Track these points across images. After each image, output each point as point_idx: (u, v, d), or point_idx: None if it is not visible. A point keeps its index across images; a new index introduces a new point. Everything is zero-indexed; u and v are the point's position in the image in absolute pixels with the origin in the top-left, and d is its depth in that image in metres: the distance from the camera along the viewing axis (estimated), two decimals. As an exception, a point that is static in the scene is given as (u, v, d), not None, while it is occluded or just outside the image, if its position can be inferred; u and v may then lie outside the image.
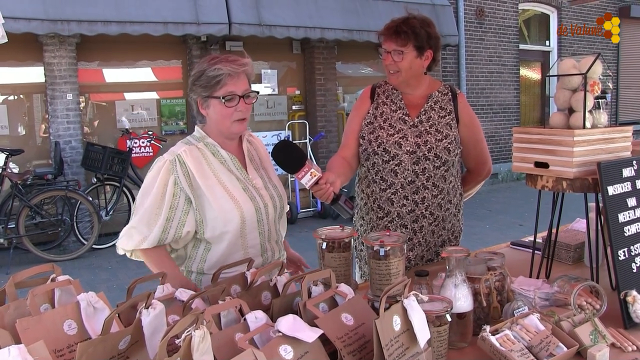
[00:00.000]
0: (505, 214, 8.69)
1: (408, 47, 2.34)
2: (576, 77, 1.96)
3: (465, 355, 1.60)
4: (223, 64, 1.96)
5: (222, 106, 1.98)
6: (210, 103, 2.00)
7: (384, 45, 2.39)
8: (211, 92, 1.98)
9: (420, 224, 2.43)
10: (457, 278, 1.64)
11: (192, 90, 2.03)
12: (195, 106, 2.06)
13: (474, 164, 2.63)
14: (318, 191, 2.02)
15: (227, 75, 1.96)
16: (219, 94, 1.97)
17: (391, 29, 2.36)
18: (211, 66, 1.96)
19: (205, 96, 2.00)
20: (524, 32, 12.57)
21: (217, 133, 2.08)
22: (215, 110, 2.01)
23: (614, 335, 1.64)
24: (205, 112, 2.04)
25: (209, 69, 1.96)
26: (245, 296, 1.58)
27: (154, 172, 2.01)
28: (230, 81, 1.97)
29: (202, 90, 1.99)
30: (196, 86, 2.00)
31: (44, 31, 6.83)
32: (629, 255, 1.84)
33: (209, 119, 2.06)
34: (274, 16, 8.07)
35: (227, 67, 1.95)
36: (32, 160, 7.58)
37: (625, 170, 1.92)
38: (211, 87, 1.97)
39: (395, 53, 2.35)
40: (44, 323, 1.27)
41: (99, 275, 6.20)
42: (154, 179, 1.99)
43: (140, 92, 8.28)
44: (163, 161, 2.00)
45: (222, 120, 2.02)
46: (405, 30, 2.33)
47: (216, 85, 1.96)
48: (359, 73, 10.32)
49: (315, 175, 1.98)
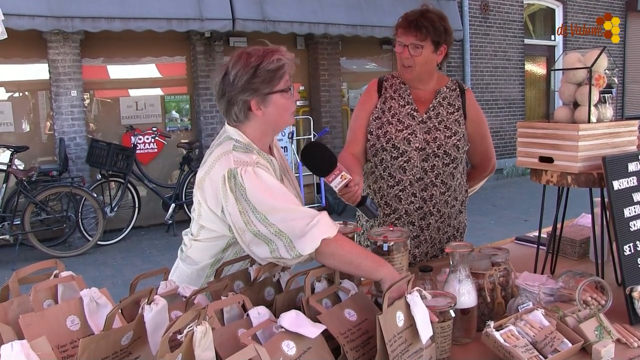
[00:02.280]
0: (510, 209, 8.66)
1: (427, 42, 2.30)
2: (581, 71, 1.95)
3: (469, 351, 1.59)
4: (280, 54, 1.78)
5: (285, 99, 1.81)
6: (271, 99, 1.78)
7: (400, 38, 2.33)
8: (274, 86, 1.77)
9: (428, 222, 2.42)
10: (461, 273, 1.64)
11: (246, 90, 1.75)
12: (243, 109, 1.79)
13: (479, 159, 2.62)
14: (346, 194, 1.95)
15: (287, 66, 1.80)
16: (282, 87, 1.79)
17: (412, 22, 2.29)
18: (265, 59, 1.76)
19: (266, 93, 1.77)
20: (529, 27, 12.50)
21: (262, 137, 1.86)
22: (278, 105, 1.80)
23: (619, 331, 1.63)
24: (262, 111, 1.79)
25: (265, 62, 1.75)
26: (248, 292, 1.57)
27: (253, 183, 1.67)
28: (288, 70, 1.81)
29: (265, 87, 1.76)
30: (254, 83, 1.75)
31: (48, 28, 6.84)
32: (634, 251, 1.83)
33: (261, 119, 1.81)
34: (277, 12, 8.05)
35: (285, 57, 1.79)
36: (37, 156, 7.60)
37: (630, 165, 1.90)
38: (274, 80, 1.77)
39: (412, 47, 2.30)
40: (47, 319, 1.26)
41: (104, 271, 6.22)
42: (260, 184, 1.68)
43: (145, 88, 8.28)
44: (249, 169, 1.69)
45: (283, 114, 1.83)
46: (425, 25, 2.27)
47: (280, 77, 1.78)
48: (363, 68, 10.29)
49: (345, 178, 1.90)
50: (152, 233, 7.67)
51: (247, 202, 1.65)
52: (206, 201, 1.77)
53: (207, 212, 1.79)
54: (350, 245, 1.64)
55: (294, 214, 1.64)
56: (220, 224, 1.78)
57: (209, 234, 1.85)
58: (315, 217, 1.62)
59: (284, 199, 1.68)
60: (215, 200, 1.73)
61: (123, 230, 7.36)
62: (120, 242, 7.25)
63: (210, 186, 1.74)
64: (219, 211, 1.74)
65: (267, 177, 1.70)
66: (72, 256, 6.69)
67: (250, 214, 1.65)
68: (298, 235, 1.61)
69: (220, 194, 1.70)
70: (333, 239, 1.61)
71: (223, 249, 1.86)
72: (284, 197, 1.68)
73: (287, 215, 1.64)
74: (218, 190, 1.70)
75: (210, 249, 1.87)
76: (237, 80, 1.75)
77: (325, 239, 1.60)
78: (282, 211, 1.64)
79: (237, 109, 1.79)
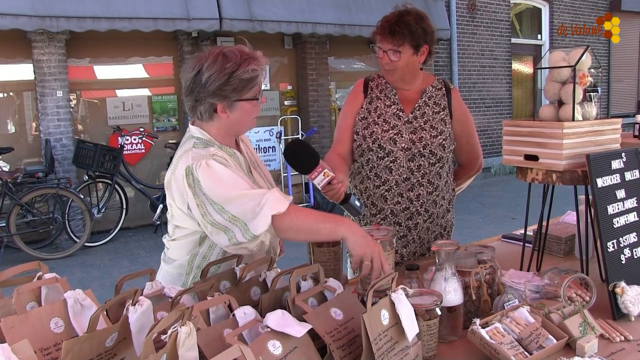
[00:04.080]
0: (497, 208, 8.71)
1: (404, 47, 2.29)
2: (565, 70, 1.96)
3: (456, 349, 1.60)
4: (254, 64, 1.80)
5: (251, 106, 1.85)
6: (238, 105, 1.83)
7: (379, 44, 2.34)
8: (243, 95, 1.81)
9: (415, 221, 2.42)
10: (447, 271, 1.64)
11: (216, 95, 1.79)
12: (210, 110, 1.83)
13: (466, 158, 2.62)
14: (329, 191, 1.98)
15: (261, 75, 1.83)
16: (250, 95, 1.83)
17: (386, 28, 2.29)
18: (242, 67, 1.77)
19: (235, 100, 1.81)
20: (516, 26, 12.58)
21: (224, 134, 1.90)
22: (243, 112, 1.84)
23: (602, 327, 1.64)
24: (226, 114, 1.83)
25: (241, 70, 1.77)
26: (234, 292, 1.57)
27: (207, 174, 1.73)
28: (260, 80, 1.86)
29: (235, 95, 1.79)
30: (225, 90, 1.78)
31: (32, 27, 6.78)
32: (617, 247, 1.84)
33: (224, 121, 1.86)
34: (265, 11, 8.04)
35: (259, 67, 1.81)
36: (22, 158, 7.53)
37: (614, 162, 1.92)
38: (245, 90, 1.81)
39: (391, 52, 2.31)
40: (30, 321, 1.25)
41: (91, 273, 6.18)
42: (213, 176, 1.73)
43: (132, 88, 8.24)
44: (203, 162, 1.75)
45: (246, 119, 1.88)
46: (400, 31, 2.27)
47: (252, 87, 1.82)
48: (351, 68, 10.30)
49: (328, 175, 1.93)
50: (140, 234, 7.63)
51: (204, 195, 1.72)
52: (174, 201, 1.84)
53: (177, 212, 1.87)
54: (305, 213, 1.70)
55: (245, 198, 1.68)
56: (190, 220, 1.85)
57: (183, 232, 1.92)
58: (265, 196, 1.67)
59: (235, 186, 1.72)
60: (181, 199, 1.80)
61: (111, 232, 7.32)
62: (107, 244, 7.21)
63: (175, 185, 1.81)
64: (186, 208, 1.81)
65: (218, 167, 1.75)
66: (59, 258, 6.64)
67: (208, 206, 1.72)
68: (250, 218, 1.66)
69: (183, 192, 1.78)
70: (285, 212, 1.66)
71: (198, 243, 1.91)
72: (235, 184, 1.72)
73: (239, 200, 1.69)
74: (181, 188, 1.78)
75: (186, 245, 1.93)
76: (210, 84, 1.78)
77: (276, 215, 1.65)
78: (235, 198, 1.69)
79: (203, 109, 1.84)
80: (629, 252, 1.87)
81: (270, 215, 1.64)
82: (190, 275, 1.93)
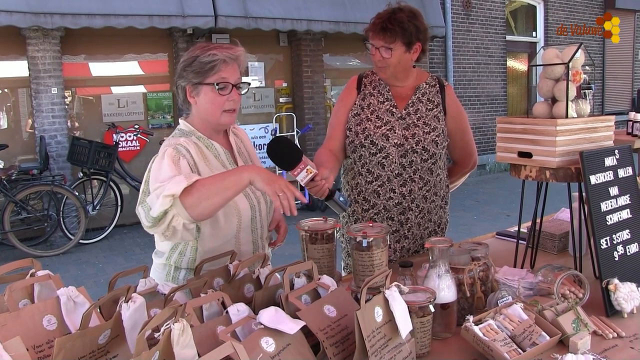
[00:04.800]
0: (492, 205, 8.72)
1: (396, 44, 2.30)
2: (559, 67, 1.96)
3: (449, 346, 1.60)
4: (218, 50, 1.90)
5: (214, 94, 1.92)
6: (201, 90, 1.92)
7: (371, 41, 2.34)
8: (204, 78, 1.90)
9: (407, 217, 2.43)
10: (441, 269, 1.65)
11: (182, 76, 1.93)
12: (182, 94, 1.97)
13: (460, 155, 2.63)
14: (313, 188, 1.98)
15: (222, 62, 1.90)
16: (212, 80, 1.90)
17: (378, 25, 2.30)
18: (205, 52, 1.90)
19: (196, 82, 1.91)
20: (511, 24, 12.59)
21: (204, 125, 2.00)
22: (207, 98, 1.93)
23: (595, 323, 1.65)
24: (194, 100, 1.95)
25: (203, 54, 1.89)
26: (227, 289, 1.57)
27: (157, 162, 1.85)
28: (224, 68, 1.91)
29: (194, 76, 1.91)
30: (187, 72, 1.91)
31: (27, 24, 6.75)
32: (611, 244, 1.85)
33: (196, 108, 1.98)
34: (260, 8, 8.02)
35: (222, 54, 1.90)
36: (17, 155, 7.50)
37: (607, 160, 1.92)
38: (204, 73, 1.90)
39: (383, 49, 2.31)
40: (23, 318, 1.25)
41: (86, 270, 6.16)
42: (160, 166, 1.82)
43: (127, 85, 8.21)
44: (164, 150, 1.86)
45: (213, 109, 1.94)
46: (392, 27, 2.28)
47: (210, 70, 1.90)
48: (346, 65, 10.29)
49: (311, 172, 1.93)
50: (135, 231, 7.61)
51: (145, 181, 1.86)
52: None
53: None
54: (206, 181, 1.76)
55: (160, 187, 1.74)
56: None
57: None
58: (165, 182, 1.74)
59: (166, 176, 1.77)
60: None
61: (105, 229, 7.30)
62: (102, 241, 7.19)
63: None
64: None
65: (168, 157, 1.82)
66: (54, 255, 6.62)
67: (142, 194, 1.84)
68: (153, 203, 1.73)
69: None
70: (186, 189, 1.71)
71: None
72: (167, 174, 1.78)
73: (156, 190, 1.75)
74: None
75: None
76: (180, 66, 1.96)
77: (182, 196, 1.70)
78: (158, 188, 1.75)
79: (181, 96, 1.99)
80: (622, 249, 1.88)
81: (164, 196, 1.70)
82: (171, 268, 2.02)
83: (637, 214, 1.97)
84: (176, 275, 2.03)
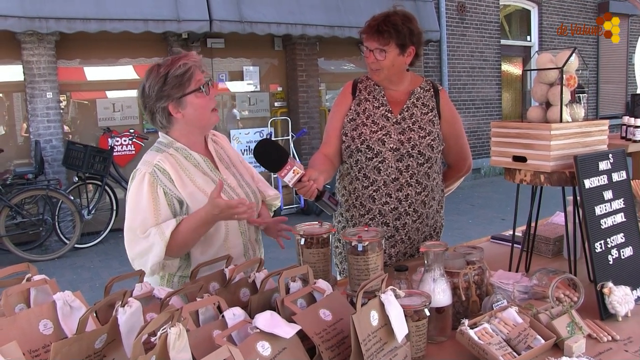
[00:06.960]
0: (487, 209, 8.74)
1: (390, 46, 2.32)
2: (553, 71, 1.98)
3: (444, 350, 1.60)
4: (184, 59, 1.95)
5: (200, 98, 1.96)
6: (186, 101, 1.95)
7: (365, 43, 2.37)
8: (185, 88, 1.94)
9: (403, 222, 2.43)
10: (436, 272, 1.65)
11: (160, 98, 1.94)
12: (164, 115, 1.98)
13: (455, 159, 2.64)
14: (301, 188, 2.01)
15: (194, 67, 1.96)
16: (193, 87, 1.95)
17: (372, 27, 2.33)
18: (173, 66, 1.93)
19: (179, 96, 1.94)
20: (505, 28, 12.64)
21: (188, 135, 2.04)
22: (195, 106, 1.97)
23: (590, 327, 1.66)
24: (181, 114, 1.97)
25: (173, 68, 1.92)
26: (223, 293, 1.57)
27: (136, 186, 1.94)
28: (196, 71, 1.97)
29: (176, 91, 1.93)
30: (165, 91, 1.92)
31: (22, 29, 6.74)
32: (605, 248, 1.86)
33: (183, 121, 2.00)
34: (255, 12, 8.03)
35: (190, 61, 1.95)
36: (12, 159, 7.48)
37: (601, 164, 1.93)
38: (184, 84, 1.93)
39: (377, 51, 2.33)
40: (19, 323, 1.25)
41: (81, 274, 6.15)
42: (138, 193, 1.93)
43: (122, 90, 8.20)
44: (142, 174, 1.94)
45: (203, 113, 1.99)
46: (386, 29, 2.30)
47: (189, 80, 1.94)
48: (341, 69, 10.31)
49: (298, 172, 1.97)
50: (130, 236, 7.59)
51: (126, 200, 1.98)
52: None
53: None
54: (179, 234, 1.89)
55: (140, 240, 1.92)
56: None
57: None
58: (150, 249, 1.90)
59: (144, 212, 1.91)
60: None
61: (101, 233, 7.29)
62: (98, 245, 7.17)
63: None
64: None
65: (147, 187, 1.92)
66: (49, 260, 6.61)
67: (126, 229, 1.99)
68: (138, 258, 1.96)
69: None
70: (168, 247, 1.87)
71: None
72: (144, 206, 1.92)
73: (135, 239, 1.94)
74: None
75: None
76: (151, 91, 1.94)
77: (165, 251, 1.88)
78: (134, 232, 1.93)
79: (160, 116, 1.99)
80: (616, 252, 1.89)
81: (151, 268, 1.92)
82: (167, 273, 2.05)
83: (631, 217, 1.98)
84: (171, 279, 2.06)
